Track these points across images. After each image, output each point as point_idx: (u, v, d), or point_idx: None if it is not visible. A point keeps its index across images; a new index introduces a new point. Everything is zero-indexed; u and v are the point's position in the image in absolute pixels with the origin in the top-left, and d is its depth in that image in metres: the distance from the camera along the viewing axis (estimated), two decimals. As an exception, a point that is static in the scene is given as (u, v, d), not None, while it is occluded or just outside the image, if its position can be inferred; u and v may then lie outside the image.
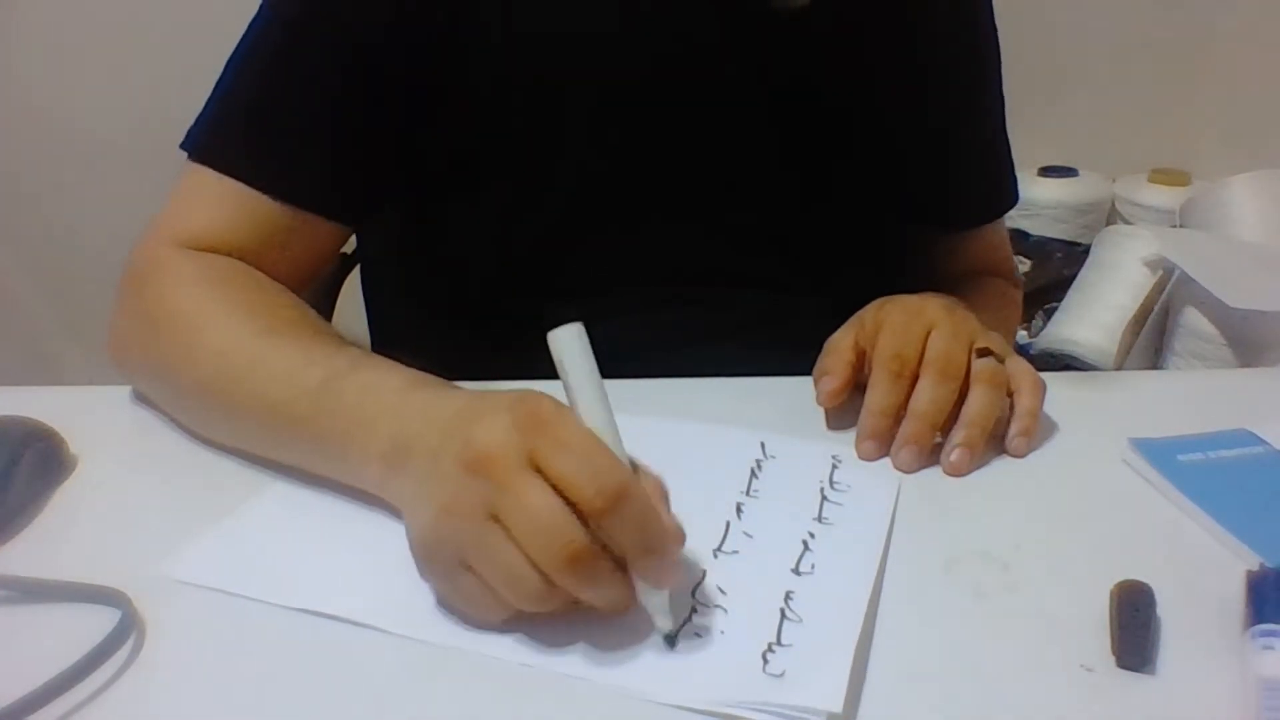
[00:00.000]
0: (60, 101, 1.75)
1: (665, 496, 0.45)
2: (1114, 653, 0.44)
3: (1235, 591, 0.46)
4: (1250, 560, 0.49)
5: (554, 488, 0.42)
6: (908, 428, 0.58)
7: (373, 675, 0.43)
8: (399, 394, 0.52)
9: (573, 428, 0.43)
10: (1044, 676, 0.43)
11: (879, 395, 0.59)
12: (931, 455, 0.59)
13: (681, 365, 0.67)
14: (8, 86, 1.74)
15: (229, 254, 0.64)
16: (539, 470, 0.42)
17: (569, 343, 0.44)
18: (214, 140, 0.66)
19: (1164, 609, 0.46)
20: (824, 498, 0.55)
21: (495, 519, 0.42)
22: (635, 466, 0.45)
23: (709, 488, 0.56)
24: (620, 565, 0.43)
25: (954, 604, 0.48)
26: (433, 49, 0.66)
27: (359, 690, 0.43)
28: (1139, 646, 0.44)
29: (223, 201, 0.64)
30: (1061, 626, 0.46)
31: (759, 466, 0.58)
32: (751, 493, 0.56)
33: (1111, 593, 0.47)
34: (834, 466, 0.58)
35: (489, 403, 0.46)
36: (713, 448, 0.60)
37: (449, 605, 0.46)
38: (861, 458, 0.59)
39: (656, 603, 0.44)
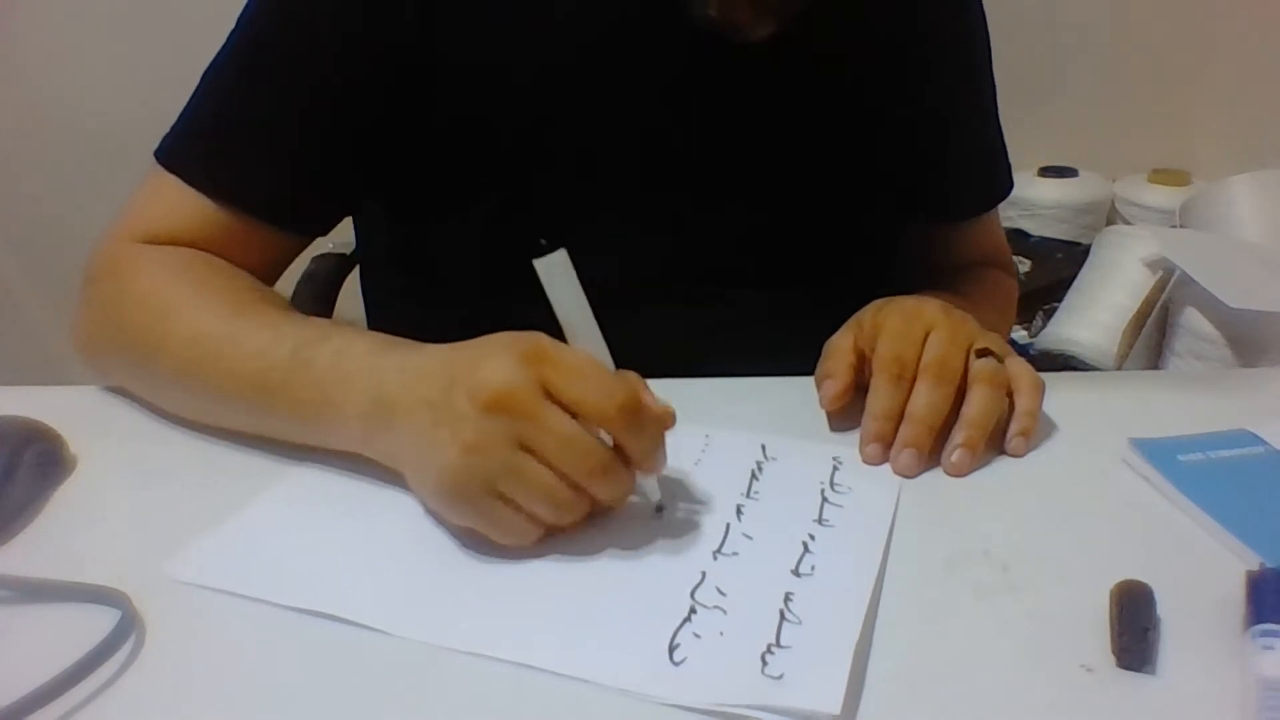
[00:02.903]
0: (61, 102, 1.76)
1: (646, 386, 0.50)
2: (1114, 653, 0.44)
3: (1235, 591, 0.46)
4: (1250, 560, 0.49)
5: (569, 411, 0.47)
6: (905, 432, 0.58)
7: (373, 675, 0.43)
8: (370, 356, 0.54)
9: (573, 355, 0.49)
10: (1044, 676, 0.43)
11: (880, 399, 0.59)
12: (932, 457, 0.59)
13: (675, 365, 0.67)
14: (8, 87, 1.74)
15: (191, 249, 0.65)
16: (553, 398, 0.47)
17: (554, 269, 0.48)
18: (176, 147, 0.67)
19: (1164, 609, 0.46)
20: (824, 499, 0.55)
21: (524, 448, 0.47)
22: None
23: (709, 489, 0.56)
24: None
25: (954, 604, 0.48)
26: (406, 73, 0.66)
27: (359, 690, 0.43)
28: (1139, 646, 0.44)
29: (181, 205, 0.66)
30: (1061, 626, 0.46)
31: (759, 468, 0.58)
32: (752, 494, 0.56)
33: (1111, 593, 0.47)
34: (835, 468, 0.58)
35: (482, 347, 0.50)
36: (713, 450, 0.60)
37: (478, 537, 0.50)
38: (866, 461, 0.59)
39: (649, 482, 0.52)
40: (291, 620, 0.46)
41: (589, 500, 0.50)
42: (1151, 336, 1.48)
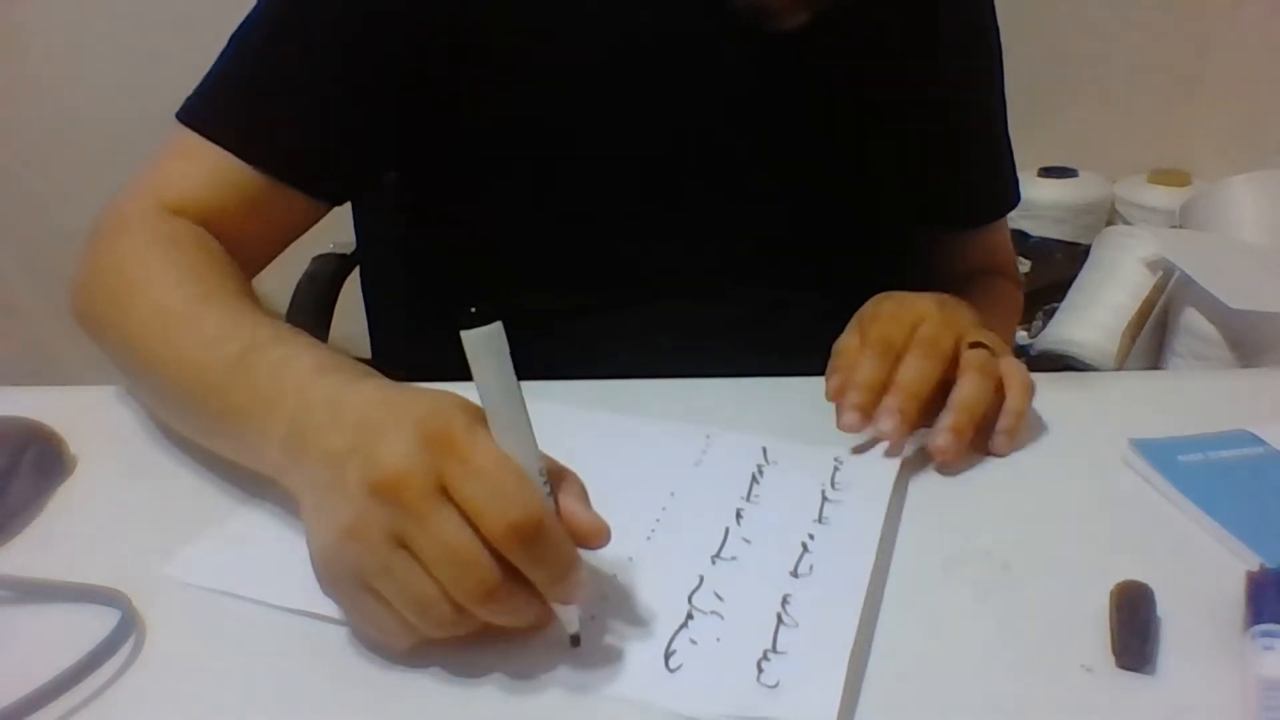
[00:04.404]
0: (61, 102, 1.76)
1: (585, 496, 0.44)
2: (1114, 653, 0.44)
3: (1235, 591, 0.46)
4: (1250, 560, 0.49)
5: (463, 515, 0.40)
6: (889, 399, 0.58)
7: (371, 677, 0.43)
8: (307, 375, 0.49)
9: (483, 449, 0.41)
10: (1044, 676, 0.43)
11: (863, 371, 0.59)
12: (915, 429, 0.58)
13: (680, 364, 0.67)
14: (9, 87, 1.74)
15: (202, 214, 0.65)
16: (448, 496, 0.40)
17: (482, 344, 0.41)
18: (201, 105, 0.67)
19: (1164, 609, 0.46)
20: (824, 499, 0.55)
21: (403, 546, 0.40)
22: (555, 471, 0.44)
23: (710, 493, 0.56)
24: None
25: (954, 604, 0.48)
26: (439, 51, 0.67)
27: (357, 690, 0.43)
28: (1139, 646, 0.44)
29: (202, 163, 0.66)
30: (1061, 626, 0.46)
31: (760, 472, 0.58)
32: (752, 498, 0.55)
33: (1111, 593, 0.47)
34: (835, 469, 0.58)
35: (397, 412, 0.43)
36: (714, 451, 0.60)
37: (351, 625, 0.45)
38: (842, 428, 0.58)
39: (565, 611, 0.43)
40: (291, 621, 0.46)
41: (475, 621, 0.41)
42: (1151, 336, 1.48)
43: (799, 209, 0.75)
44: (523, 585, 0.41)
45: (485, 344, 0.41)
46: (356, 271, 1.05)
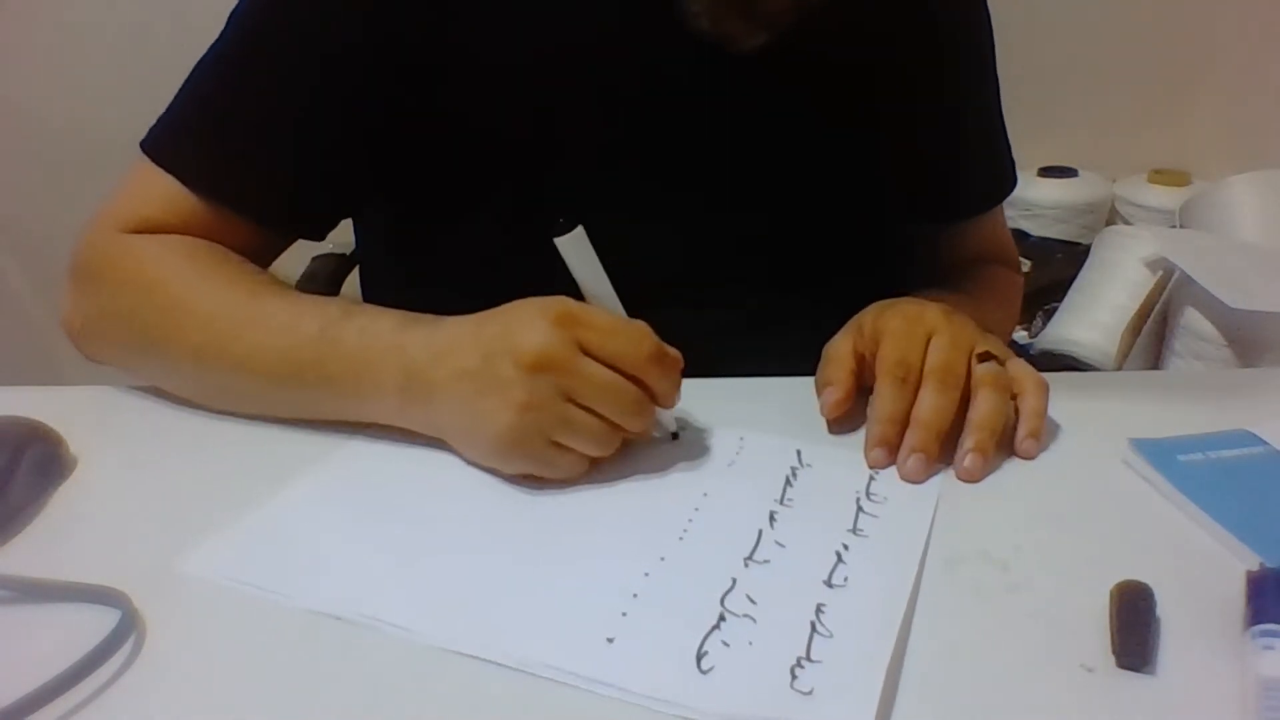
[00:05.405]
0: (60, 103, 1.76)
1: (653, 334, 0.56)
2: (1114, 653, 0.44)
3: (1235, 591, 0.46)
4: (1250, 560, 0.49)
5: (603, 363, 0.53)
6: (912, 437, 0.58)
7: (375, 677, 0.43)
8: (396, 333, 0.58)
9: (599, 315, 0.54)
10: (1044, 676, 0.43)
11: (886, 403, 0.59)
12: (938, 463, 0.58)
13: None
14: (7, 88, 1.74)
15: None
16: (588, 354, 0.53)
17: (573, 245, 0.55)
18: (163, 137, 0.67)
19: (1164, 609, 0.46)
20: (859, 508, 0.54)
21: (570, 400, 0.53)
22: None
23: (742, 495, 0.55)
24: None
25: (954, 604, 0.48)
26: (412, 73, 0.66)
27: (360, 691, 0.43)
28: (1139, 646, 0.44)
29: (166, 196, 0.66)
30: (1061, 626, 0.46)
31: (794, 475, 0.57)
32: (786, 501, 0.55)
33: (1111, 593, 0.47)
34: (871, 477, 0.57)
35: (510, 317, 0.54)
36: (748, 453, 0.59)
37: (525, 477, 0.55)
38: (871, 466, 0.58)
39: (666, 415, 0.59)
40: (291, 621, 0.46)
41: (623, 433, 0.55)
42: (1151, 336, 1.48)
43: (795, 211, 0.74)
44: (648, 401, 0.55)
45: (575, 244, 0.55)
46: (356, 271, 1.05)
